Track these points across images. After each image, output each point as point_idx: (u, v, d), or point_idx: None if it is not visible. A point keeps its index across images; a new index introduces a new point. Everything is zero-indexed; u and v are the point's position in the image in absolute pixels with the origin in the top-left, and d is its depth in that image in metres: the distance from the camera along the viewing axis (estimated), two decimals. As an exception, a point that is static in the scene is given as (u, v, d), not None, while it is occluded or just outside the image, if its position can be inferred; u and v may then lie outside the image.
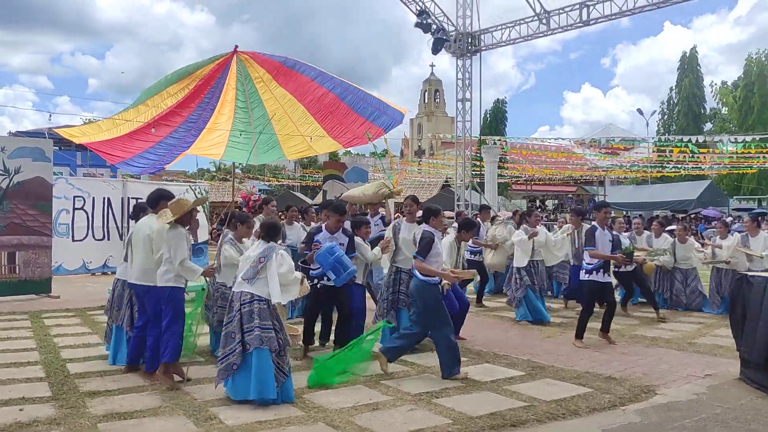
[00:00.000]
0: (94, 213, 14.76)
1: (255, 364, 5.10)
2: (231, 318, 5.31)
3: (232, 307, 5.35)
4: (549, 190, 45.40)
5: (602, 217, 7.71)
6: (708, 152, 32.41)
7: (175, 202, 5.91)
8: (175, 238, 5.74)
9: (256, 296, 5.28)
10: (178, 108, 11.77)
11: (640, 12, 18.59)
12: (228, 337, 5.26)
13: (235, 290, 5.42)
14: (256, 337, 5.15)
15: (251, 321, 5.20)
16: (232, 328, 5.26)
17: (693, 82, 46.93)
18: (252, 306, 5.25)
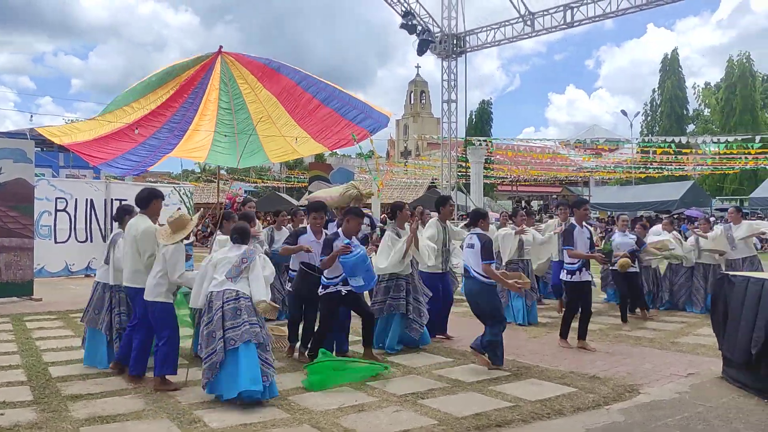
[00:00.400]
0: (76, 215, 14.66)
1: (243, 359, 5.11)
2: (211, 317, 5.28)
3: (212, 306, 5.32)
4: (534, 191, 45.67)
5: (581, 215, 7.59)
6: (691, 153, 32.76)
7: (176, 219, 5.75)
8: (175, 255, 5.65)
9: (241, 293, 5.31)
10: (161, 108, 11.70)
11: (623, 14, 18.79)
12: (210, 337, 5.24)
13: (214, 289, 5.38)
14: (245, 332, 5.16)
15: (237, 317, 5.21)
16: (213, 327, 5.23)
17: (675, 83, 47.47)
18: (238, 303, 5.26)
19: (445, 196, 7.92)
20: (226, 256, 5.51)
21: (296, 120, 12.06)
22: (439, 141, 25.37)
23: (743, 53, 43.59)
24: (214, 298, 5.32)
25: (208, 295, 5.41)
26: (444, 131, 22.66)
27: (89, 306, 6.64)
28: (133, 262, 5.87)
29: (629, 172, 37.97)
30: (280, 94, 12.27)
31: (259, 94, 12.31)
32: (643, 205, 34.50)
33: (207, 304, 5.40)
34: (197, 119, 11.86)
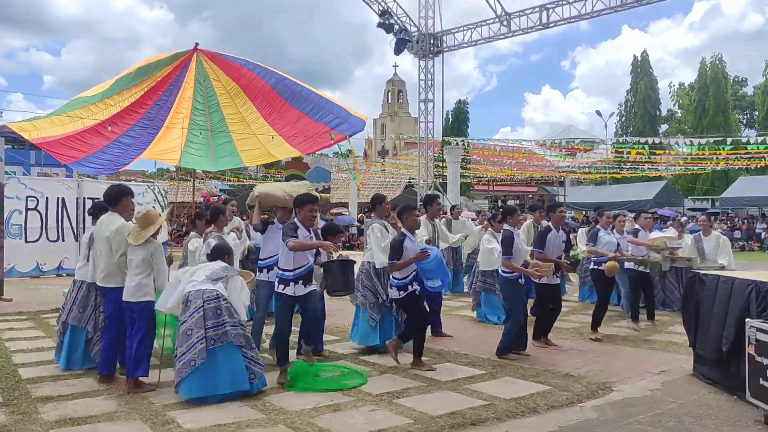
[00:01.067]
0: (48, 214, 14.41)
1: (225, 359, 5.16)
2: (189, 315, 5.25)
3: (189, 305, 5.29)
4: (511, 190, 45.94)
5: (557, 218, 7.62)
6: (664, 153, 33.24)
7: (143, 215, 5.70)
8: (157, 255, 5.60)
9: (221, 294, 5.35)
10: (135, 106, 11.54)
11: (598, 15, 19.01)
12: (185, 335, 5.20)
13: (193, 289, 5.37)
14: (227, 333, 5.19)
15: (218, 317, 5.23)
16: (190, 325, 5.21)
17: (648, 84, 48.09)
18: (219, 303, 5.30)
19: (433, 195, 7.96)
20: (208, 265, 5.62)
21: (271, 124, 12.00)
22: (417, 140, 25.40)
23: (716, 55, 44.31)
24: (193, 298, 5.30)
25: (185, 295, 5.38)
26: (421, 131, 22.72)
27: (72, 304, 6.44)
28: (107, 262, 5.79)
29: (604, 172, 38.41)
30: (255, 98, 12.20)
31: (234, 97, 12.21)
32: (617, 205, 34.91)
33: (185, 302, 5.36)
34: (171, 117, 11.73)
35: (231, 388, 5.18)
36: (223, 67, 12.16)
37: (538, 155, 37.23)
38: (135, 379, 5.52)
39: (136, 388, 5.49)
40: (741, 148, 29.10)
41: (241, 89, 12.23)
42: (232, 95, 12.27)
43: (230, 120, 12.01)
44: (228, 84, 12.24)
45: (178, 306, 5.45)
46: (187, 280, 5.52)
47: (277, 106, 12.07)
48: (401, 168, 41.73)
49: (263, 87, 12.15)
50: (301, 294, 5.91)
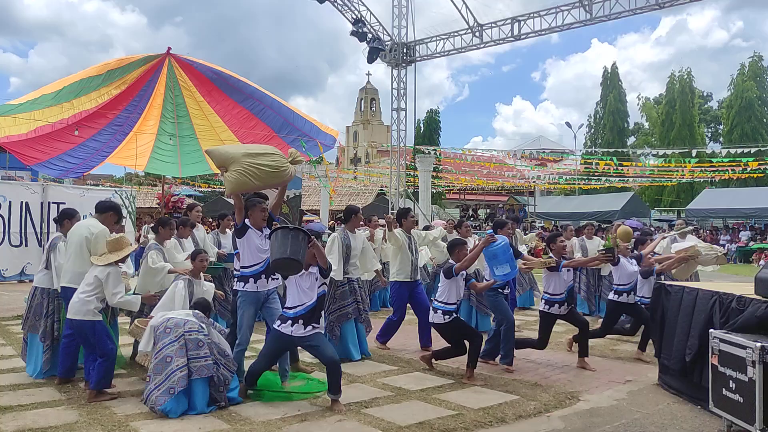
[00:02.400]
0: (11, 218, 14.05)
1: (198, 393, 5.12)
2: (170, 341, 5.16)
3: (169, 331, 5.22)
4: (481, 199, 46.30)
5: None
6: (631, 165, 33.81)
7: (115, 240, 5.71)
8: (113, 278, 5.54)
9: (203, 329, 5.33)
10: (104, 109, 11.36)
11: (569, 29, 19.27)
12: (164, 361, 5.11)
13: (176, 316, 5.35)
14: (205, 367, 5.14)
15: (199, 349, 5.19)
16: (169, 352, 5.12)
17: (617, 97, 48.91)
18: (199, 336, 5.26)
19: (406, 209, 8.02)
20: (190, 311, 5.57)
21: (240, 139, 11.99)
22: (389, 149, 25.45)
23: (684, 69, 45.31)
24: (173, 325, 5.25)
25: (165, 320, 5.31)
26: (393, 139, 22.76)
27: (29, 312, 6.38)
28: (78, 264, 5.74)
29: (572, 183, 38.92)
30: (224, 115, 12.17)
31: (202, 107, 12.15)
32: (585, 215, 35.40)
33: (162, 326, 5.28)
34: (140, 123, 11.59)
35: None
36: (193, 79, 12.07)
37: (509, 165, 37.56)
38: (96, 390, 5.40)
39: (97, 397, 5.37)
40: (706, 161, 29.75)
41: (209, 104, 12.19)
42: (202, 107, 12.20)
43: (199, 128, 11.94)
44: (197, 96, 12.17)
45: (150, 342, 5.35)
46: (161, 315, 5.47)
47: (248, 125, 12.09)
48: (373, 176, 41.76)
49: (230, 104, 12.15)
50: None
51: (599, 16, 18.38)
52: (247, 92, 12.21)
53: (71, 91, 11.11)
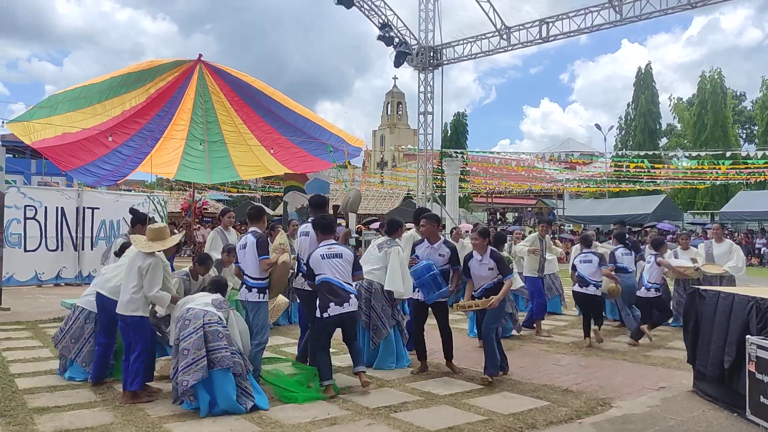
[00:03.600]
0: (47, 223, 14.37)
1: (219, 385, 5.15)
2: (188, 334, 5.22)
3: (188, 323, 5.28)
4: (509, 202, 46.01)
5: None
6: (663, 167, 33.29)
7: (156, 229, 5.81)
8: (153, 269, 5.59)
9: (222, 321, 5.38)
10: (136, 116, 11.58)
11: (598, 30, 19.07)
12: (182, 354, 5.18)
13: (196, 307, 5.40)
14: (225, 358, 5.18)
15: (219, 340, 5.23)
16: (187, 345, 5.18)
17: (649, 98, 48.19)
18: (218, 327, 5.31)
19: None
20: (208, 294, 5.68)
21: (266, 147, 12.17)
22: (416, 152, 25.45)
23: (715, 69, 44.49)
24: (193, 317, 5.31)
25: (184, 312, 5.38)
26: (420, 143, 22.76)
27: (65, 333, 6.37)
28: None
29: (602, 186, 38.46)
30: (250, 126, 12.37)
31: (231, 115, 12.35)
32: (615, 218, 34.95)
33: (182, 318, 5.35)
34: (170, 128, 11.78)
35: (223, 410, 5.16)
36: (222, 88, 12.26)
37: (537, 168, 37.27)
38: (131, 391, 5.49)
39: (133, 399, 5.46)
40: (740, 163, 29.16)
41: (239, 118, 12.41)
42: (230, 113, 12.39)
43: (227, 134, 12.11)
44: (226, 104, 12.36)
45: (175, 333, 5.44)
46: (183, 304, 5.54)
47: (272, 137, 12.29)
48: (400, 180, 41.77)
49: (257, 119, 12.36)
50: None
51: (629, 16, 18.16)
52: (271, 108, 12.38)
53: (101, 90, 11.27)
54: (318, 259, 5.95)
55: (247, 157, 12.24)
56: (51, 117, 10.72)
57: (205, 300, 5.56)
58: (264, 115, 12.31)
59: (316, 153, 12.63)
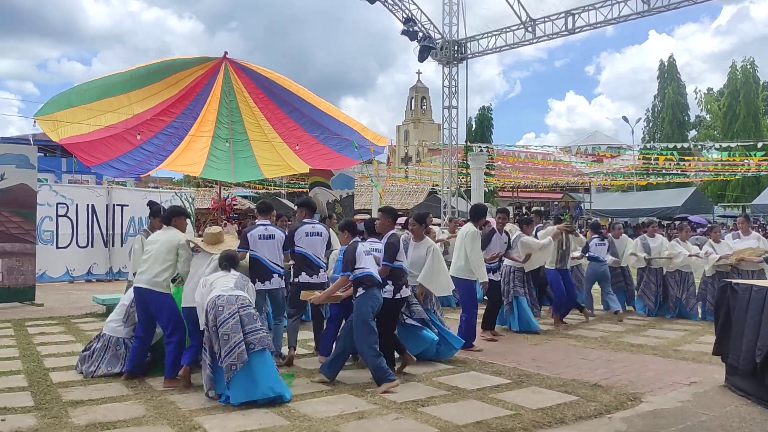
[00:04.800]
0: (78, 220, 14.66)
1: (259, 366, 5.27)
2: (225, 319, 5.31)
3: (223, 309, 5.36)
4: (535, 197, 45.65)
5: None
6: (693, 160, 32.70)
7: (212, 234, 6.27)
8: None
9: (250, 302, 5.56)
10: (161, 114, 11.69)
11: (625, 21, 18.80)
12: (223, 339, 5.27)
13: (225, 293, 5.48)
14: (263, 339, 5.36)
15: (254, 323, 5.38)
16: (227, 329, 5.27)
17: (675, 90, 47.38)
18: (251, 309, 5.48)
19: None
20: (226, 275, 5.77)
21: (290, 145, 12.24)
22: (440, 147, 25.36)
23: (747, 59, 43.46)
24: (226, 303, 5.40)
25: (214, 300, 5.46)
26: (445, 137, 22.67)
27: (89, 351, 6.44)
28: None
29: (630, 179, 37.90)
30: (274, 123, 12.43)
31: (255, 114, 12.43)
32: (644, 212, 34.52)
33: (214, 308, 5.43)
34: (196, 127, 11.88)
35: (271, 393, 5.26)
36: (246, 85, 12.33)
37: (564, 162, 36.85)
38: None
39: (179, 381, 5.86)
40: (772, 154, 28.50)
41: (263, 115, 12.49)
42: (254, 112, 12.47)
43: (252, 134, 12.19)
44: (251, 102, 12.44)
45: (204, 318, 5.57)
46: (208, 291, 5.61)
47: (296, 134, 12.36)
48: (424, 174, 41.66)
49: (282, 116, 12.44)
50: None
51: (657, 6, 17.88)
52: (295, 105, 12.42)
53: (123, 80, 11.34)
54: (362, 254, 6.14)
55: (271, 155, 12.31)
56: (74, 108, 10.83)
57: (228, 284, 5.60)
58: (289, 111, 12.36)
59: (341, 150, 12.66)
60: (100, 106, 10.99)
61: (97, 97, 10.99)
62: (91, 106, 10.89)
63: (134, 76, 11.34)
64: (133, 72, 11.44)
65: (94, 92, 11.06)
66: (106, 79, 11.39)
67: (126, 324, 6.46)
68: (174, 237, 6.19)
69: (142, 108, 11.46)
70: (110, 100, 11.09)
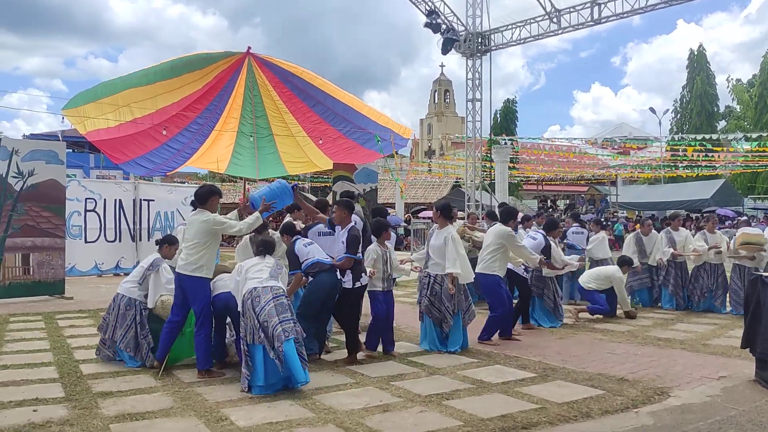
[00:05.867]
0: (105, 215, 14.89)
1: (291, 352, 5.46)
2: (262, 306, 5.57)
3: (260, 299, 5.59)
4: (560, 190, 45.18)
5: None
6: (722, 151, 32.10)
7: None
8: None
9: (284, 292, 5.81)
10: (186, 110, 11.80)
11: (653, 10, 18.45)
12: (262, 324, 5.52)
13: (260, 285, 5.70)
14: (293, 328, 5.56)
15: (286, 312, 5.60)
16: (265, 316, 5.52)
17: (704, 80, 46.52)
18: (284, 299, 5.71)
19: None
20: (261, 262, 5.96)
21: (313, 139, 12.28)
22: (464, 140, 25.23)
23: (779, 48, 42.56)
24: (262, 293, 5.65)
25: (250, 291, 5.68)
26: (468, 130, 22.53)
27: (108, 320, 6.63)
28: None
29: (658, 171, 37.31)
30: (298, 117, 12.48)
31: (279, 108, 12.48)
32: (672, 204, 33.95)
33: (250, 298, 5.64)
34: (221, 123, 11.98)
35: (295, 379, 5.45)
36: (270, 79, 12.38)
37: (590, 154, 36.40)
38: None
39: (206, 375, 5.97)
40: (805, 145, 27.84)
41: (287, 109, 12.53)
42: (278, 107, 12.52)
43: (276, 128, 12.25)
44: (274, 96, 12.48)
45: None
46: (244, 280, 5.80)
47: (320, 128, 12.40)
48: (448, 168, 41.51)
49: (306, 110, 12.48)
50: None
51: (685, -6, 17.53)
52: (319, 98, 12.44)
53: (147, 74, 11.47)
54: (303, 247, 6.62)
55: (294, 152, 12.37)
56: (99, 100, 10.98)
57: (263, 275, 5.79)
58: (313, 105, 12.39)
59: (363, 143, 12.66)
60: (125, 98, 11.14)
61: (123, 89, 11.16)
62: (116, 99, 11.04)
63: (159, 71, 11.47)
64: (158, 67, 11.57)
65: (119, 86, 11.23)
66: (131, 75, 11.55)
67: (141, 287, 6.59)
68: (201, 216, 6.13)
69: (167, 102, 11.59)
70: (134, 92, 11.23)
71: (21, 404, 5.11)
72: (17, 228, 11.08)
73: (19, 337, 8.00)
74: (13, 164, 11.03)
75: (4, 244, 10.93)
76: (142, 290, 6.58)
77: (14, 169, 11.05)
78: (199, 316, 6.00)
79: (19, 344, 7.53)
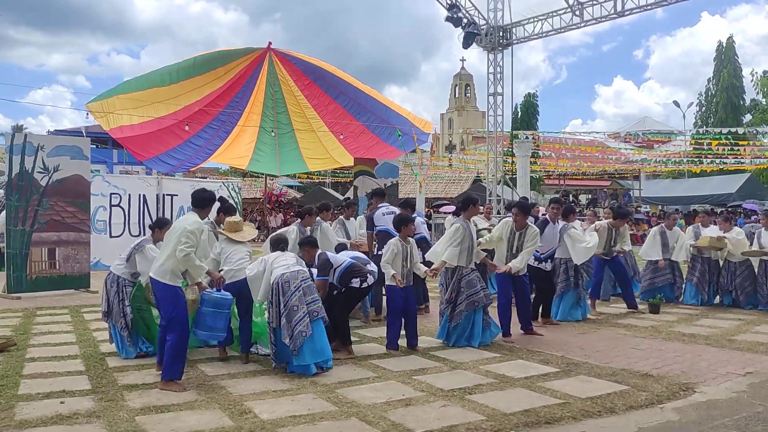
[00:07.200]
0: (130, 210, 15.06)
1: (320, 332, 5.89)
2: (292, 292, 5.85)
3: (290, 285, 5.86)
4: (582, 184, 44.79)
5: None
6: (748, 144, 31.54)
7: (233, 222, 6.74)
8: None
9: (309, 275, 6.13)
10: (209, 106, 11.92)
11: (676, 2, 18.21)
12: (292, 310, 5.80)
13: (287, 271, 5.99)
14: (321, 308, 6.00)
15: (313, 293, 6.01)
16: (295, 302, 5.81)
17: (731, 72, 45.66)
18: (310, 282, 6.10)
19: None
20: (283, 254, 6.34)
21: (335, 133, 12.31)
22: (485, 135, 25.10)
23: (805, 40, 41.70)
24: (291, 278, 5.94)
25: (278, 278, 5.94)
26: (490, 125, 22.41)
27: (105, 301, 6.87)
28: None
29: (681, 165, 36.79)
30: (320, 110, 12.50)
31: (300, 103, 12.52)
32: (696, 199, 33.47)
33: (279, 285, 5.91)
34: (243, 119, 12.06)
35: (323, 356, 5.92)
36: (292, 73, 12.43)
37: (612, 148, 35.99)
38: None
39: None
40: (834, 138, 27.30)
41: (308, 103, 12.58)
42: (299, 101, 12.58)
43: (297, 123, 12.32)
44: (296, 91, 12.55)
45: (267, 294, 6.08)
46: (270, 270, 6.09)
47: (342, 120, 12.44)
48: (468, 163, 41.34)
49: (328, 101, 12.51)
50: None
51: (711, -14, 17.23)
52: (342, 88, 12.44)
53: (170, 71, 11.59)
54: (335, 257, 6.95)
55: (316, 148, 12.43)
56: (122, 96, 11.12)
57: (288, 262, 6.16)
58: (335, 96, 12.41)
59: (385, 138, 12.68)
60: (148, 96, 11.27)
61: (146, 87, 11.28)
62: (139, 96, 11.17)
63: (181, 68, 11.58)
64: (180, 64, 11.68)
65: (143, 83, 11.35)
66: (153, 72, 11.67)
67: (127, 265, 6.81)
68: (183, 222, 5.72)
69: (189, 100, 11.70)
70: (157, 90, 11.36)
71: (48, 396, 5.20)
72: (43, 223, 11.26)
73: (46, 330, 8.13)
74: (39, 160, 11.21)
75: (30, 239, 11.12)
76: (128, 269, 6.80)
77: (40, 165, 11.23)
78: (165, 320, 5.65)
79: (46, 337, 7.66)
